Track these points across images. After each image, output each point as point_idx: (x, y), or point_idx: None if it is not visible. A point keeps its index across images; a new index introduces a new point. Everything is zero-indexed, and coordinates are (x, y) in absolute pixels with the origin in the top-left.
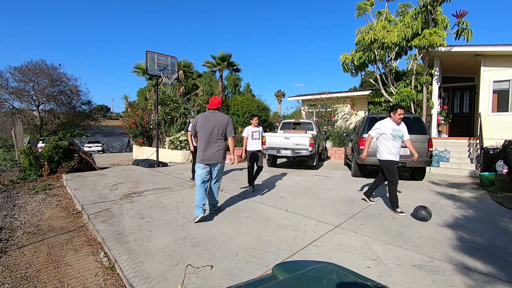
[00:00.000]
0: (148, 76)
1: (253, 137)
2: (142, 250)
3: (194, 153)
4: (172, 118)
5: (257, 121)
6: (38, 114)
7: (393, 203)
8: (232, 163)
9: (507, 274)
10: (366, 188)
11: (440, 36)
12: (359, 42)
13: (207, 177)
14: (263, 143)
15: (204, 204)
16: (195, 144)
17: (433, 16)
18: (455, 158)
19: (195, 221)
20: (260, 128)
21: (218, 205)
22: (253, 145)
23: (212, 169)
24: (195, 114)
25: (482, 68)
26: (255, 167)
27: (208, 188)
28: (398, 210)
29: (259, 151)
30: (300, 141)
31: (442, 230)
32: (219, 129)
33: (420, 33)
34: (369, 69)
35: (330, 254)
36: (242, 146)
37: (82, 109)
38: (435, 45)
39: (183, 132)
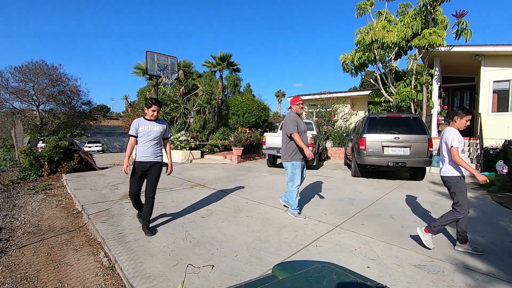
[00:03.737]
0: (148, 76)
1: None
2: (142, 250)
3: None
4: (172, 118)
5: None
6: (38, 114)
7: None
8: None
9: (507, 274)
10: None
11: (440, 36)
12: (359, 42)
13: None
14: (263, 143)
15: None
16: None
17: (433, 16)
18: None
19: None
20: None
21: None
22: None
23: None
24: (195, 114)
25: (482, 68)
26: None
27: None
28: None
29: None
30: None
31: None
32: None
33: (420, 33)
34: (369, 69)
35: (330, 254)
36: (241, 146)
37: (82, 109)
38: (435, 45)
39: (183, 132)
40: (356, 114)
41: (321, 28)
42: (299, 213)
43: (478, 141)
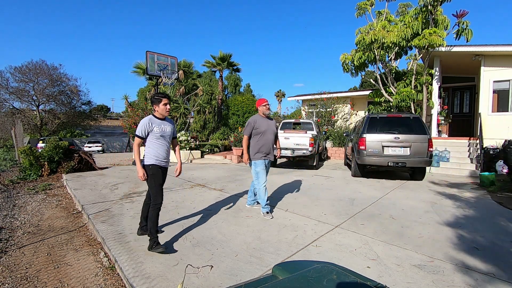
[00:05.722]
0: (148, 76)
1: None
2: (142, 250)
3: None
4: (172, 118)
5: None
6: (38, 114)
7: None
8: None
9: (507, 274)
10: None
11: (440, 36)
12: (359, 42)
13: None
14: None
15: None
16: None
17: (433, 16)
18: (455, 158)
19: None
20: None
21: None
22: None
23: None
24: (195, 114)
25: (482, 68)
26: None
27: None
28: None
29: None
30: (300, 141)
31: (443, 230)
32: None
33: (420, 33)
34: (369, 69)
35: (330, 254)
36: (241, 146)
37: (82, 109)
38: (435, 45)
39: (183, 132)
40: (356, 114)
41: (321, 28)
42: (267, 213)
43: (478, 141)
